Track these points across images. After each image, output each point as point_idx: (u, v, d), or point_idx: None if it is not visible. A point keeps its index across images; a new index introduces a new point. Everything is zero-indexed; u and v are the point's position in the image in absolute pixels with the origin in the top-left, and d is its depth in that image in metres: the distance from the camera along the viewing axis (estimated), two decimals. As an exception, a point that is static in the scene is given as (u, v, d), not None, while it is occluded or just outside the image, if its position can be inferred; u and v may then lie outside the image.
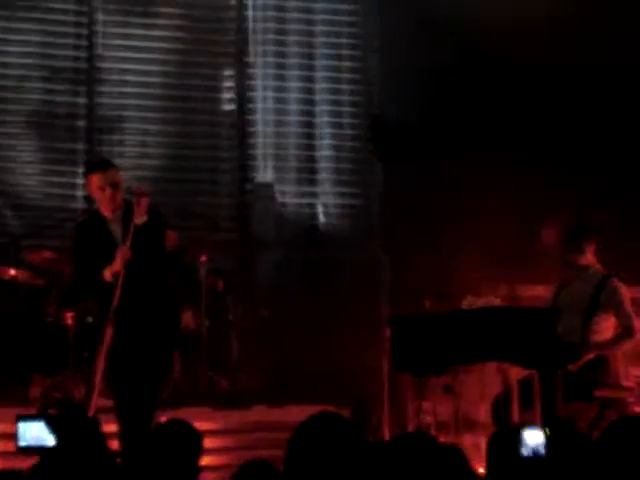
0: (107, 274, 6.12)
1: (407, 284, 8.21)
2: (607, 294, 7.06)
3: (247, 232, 10.19)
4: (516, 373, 6.92)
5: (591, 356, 7.03)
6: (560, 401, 6.78)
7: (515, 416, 6.80)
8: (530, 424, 5.57)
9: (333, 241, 10.23)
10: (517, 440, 4.55)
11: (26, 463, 3.59)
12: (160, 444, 3.95)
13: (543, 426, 5.79)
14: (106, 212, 6.32)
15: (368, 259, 9.10)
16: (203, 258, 8.89)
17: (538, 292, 7.96)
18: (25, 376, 8.42)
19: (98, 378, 6.00)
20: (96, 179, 6.30)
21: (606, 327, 7.09)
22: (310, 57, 10.45)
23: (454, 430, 7.92)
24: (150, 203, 6.27)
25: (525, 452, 4.96)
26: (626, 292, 7.16)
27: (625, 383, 7.64)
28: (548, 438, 5.39)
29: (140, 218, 6.16)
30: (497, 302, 7.59)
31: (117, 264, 6.08)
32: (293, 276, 9.87)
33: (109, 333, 6.02)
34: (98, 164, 6.62)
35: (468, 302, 7.48)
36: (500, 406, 7.05)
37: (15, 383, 8.35)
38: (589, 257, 7.19)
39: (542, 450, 4.73)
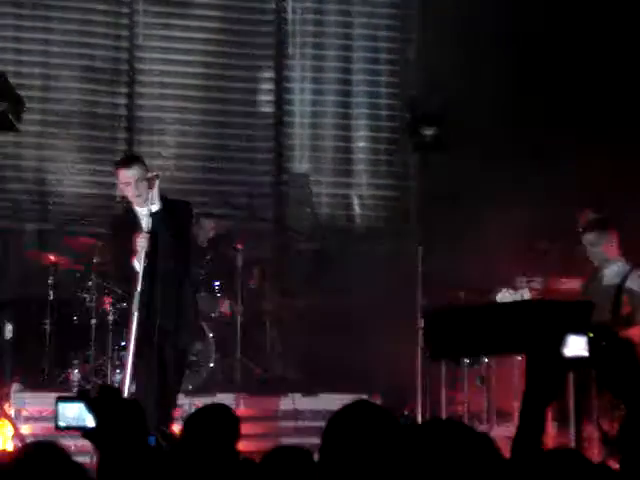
0: (134, 262, 6.32)
1: (441, 275, 8.22)
2: (633, 283, 7.01)
3: (283, 222, 10.25)
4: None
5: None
6: (593, 394, 6.80)
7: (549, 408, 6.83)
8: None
9: (368, 232, 10.26)
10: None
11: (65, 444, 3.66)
12: (200, 427, 4.00)
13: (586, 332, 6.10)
14: (135, 205, 6.53)
15: (402, 250, 9.11)
16: (240, 246, 8.96)
17: (573, 285, 7.95)
18: (65, 361, 8.54)
19: (129, 362, 6.12)
20: (120, 175, 6.55)
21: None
22: (347, 49, 10.48)
23: (486, 421, 7.97)
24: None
25: (568, 353, 5.65)
26: None
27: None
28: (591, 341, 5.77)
29: (150, 204, 6.31)
30: (531, 295, 7.61)
31: (135, 250, 6.29)
32: (328, 266, 9.91)
33: (133, 319, 6.16)
34: (124, 160, 6.80)
35: (503, 295, 7.50)
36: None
37: (55, 368, 8.47)
38: (614, 249, 7.14)
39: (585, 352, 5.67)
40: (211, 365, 8.51)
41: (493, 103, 9.34)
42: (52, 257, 8.65)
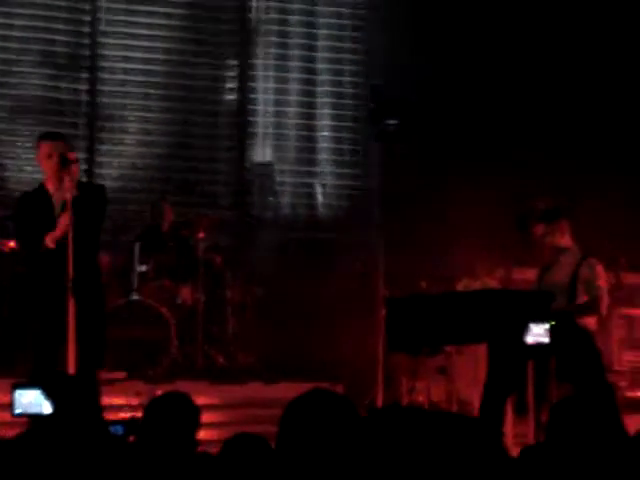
0: (48, 240, 6.24)
1: (403, 266, 8.25)
2: (585, 270, 7.04)
3: (245, 210, 10.24)
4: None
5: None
6: (553, 384, 6.84)
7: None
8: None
9: (330, 221, 10.28)
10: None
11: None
12: (158, 416, 3.99)
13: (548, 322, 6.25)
14: (50, 184, 6.41)
15: (365, 240, 9.13)
16: (201, 234, 8.94)
17: (534, 275, 8.00)
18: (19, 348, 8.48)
19: (71, 349, 6.02)
20: (45, 147, 6.39)
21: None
22: (311, 37, 10.47)
23: (446, 410, 7.99)
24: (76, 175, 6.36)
25: (529, 340, 5.91)
26: (603, 272, 7.12)
27: (617, 367, 7.73)
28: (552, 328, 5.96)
29: (71, 190, 6.21)
30: (493, 285, 7.65)
31: (59, 230, 6.20)
32: (290, 255, 9.92)
33: (71, 304, 6.06)
34: (49, 133, 6.70)
35: (464, 284, 7.54)
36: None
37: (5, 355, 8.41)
38: (567, 238, 7.17)
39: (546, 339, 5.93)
40: (172, 351, 8.50)
41: (458, 93, 9.39)
42: (13, 243, 8.60)
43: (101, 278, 6.64)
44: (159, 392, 4.45)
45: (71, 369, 5.98)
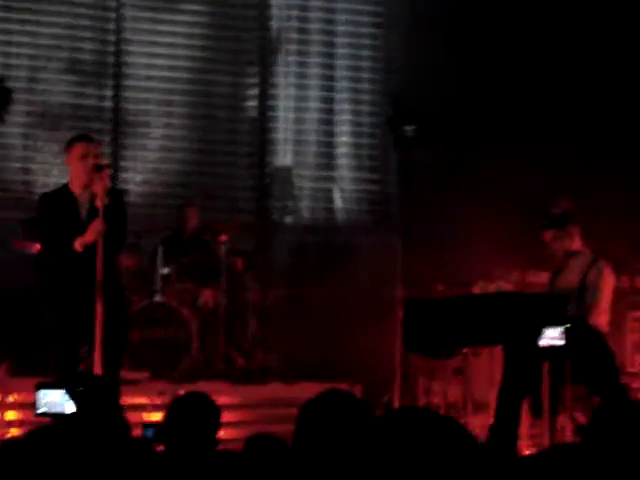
0: (77, 245, 6.24)
1: (421, 269, 8.33)
2: (593, 274, 7.09)
3: (265, 214, 10.36)
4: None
5: None
6: (568, 386, 6.92)
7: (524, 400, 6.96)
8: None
9: (349, 225, 10.37)
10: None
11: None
12: (180, 415, 4.08)
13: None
14: (75, 187, 6.40)
15: (383, 243, 9.22)
16: (223, 237, 9.05)
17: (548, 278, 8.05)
18: (45, 348, 8.60)
19: (98, 350, 6.09)
20: (79, 148, 6.40)
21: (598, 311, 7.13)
22: (331, 45, 10.57)
23: (463, 411, 8.09)
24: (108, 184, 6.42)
25: (544, 342, 6.07)
26: (612, 278, 7.16)
27: (630, 369, 7.79)
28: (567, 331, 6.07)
29: (102, 197, 6.22)
30: (508, 288, 7.73)
31: (89, 235, 6.22)
32: (310, 258, 10.02)
33: (100, 307, 6.12)
34: (84, 135, 6.72)
35: (480, 287, 7.62)
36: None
37: (35, 355, 8.53)
38: (577, 242, 7.21)
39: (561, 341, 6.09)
40: (193, 352, 8.63)
41: (474, 100, 9.46)
42: (39, 246, 8.73)
43: (121, 281, 6.72)
44: (181, 392, 4.54)
45: (97, 370, 6.06)
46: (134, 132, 10.14)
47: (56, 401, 3.96)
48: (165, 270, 8.97)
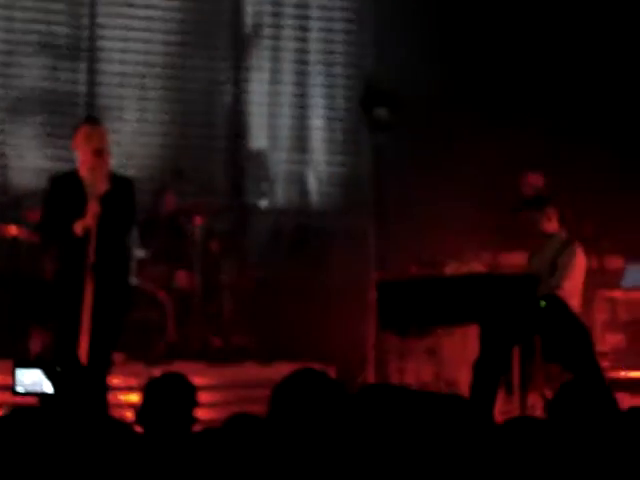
0: (78, 228, 6.22)
1: (394, 250, 8.40)
2: (564, 257, 7.20)
3: (240, 197, 10.39)
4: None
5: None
6: (538, 364, 7.03)
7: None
8: None
9: (323, 208, 10.42)
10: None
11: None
12: (156, 396, 4.15)
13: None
14: (84, 170, 6.35)
15: (357, 225, 9.29)
16: (198, 220, 9.10)
17: (520, 259, 8.14)
18: (25, 330, 8.63)
19: (85, 330, 6.06)
20: (85, 130, 6.38)
21: (569, 289, 7.21)
22: (304, 29, 10.59)
23: (435, 391, 8.19)
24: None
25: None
26: (582, 260, 7.25)
27: (600, 349, 7.90)
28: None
29: (103, 181, 6.23)
30: (480, 269, 7.84)
31: (88, 218, 6.20)
32: (284, 240, 10.07)
33: (90, 288, 6.12)
34: (91, 117, 6.74)
35: (452, 268, 7.72)
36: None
37: (15, 337, 8.56)
38: (554, 224, 7.29)
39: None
40: (169, 334, 8.68)
41: (446, 82, 9.50)
42: (13, 229, 8.75)
43: (128, 266, 6.70)
44: (157, 373, 4.59)
45: (83, 350, 6.02)
46: (108, 116, 10.14)
47: (35, 380, 3.97)
48: (140, 253, 9.01)
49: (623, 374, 8.05)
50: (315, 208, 10.46)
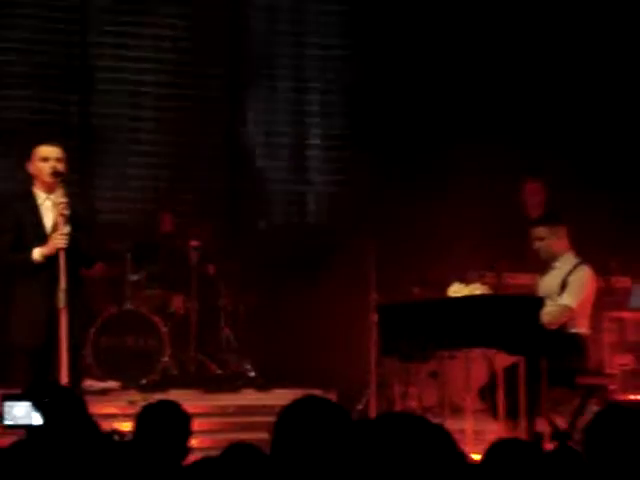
0: (37, 255, 6.14)
1: (395, 271, 8.30)
2: (575, 276, 7.07)
3: (237, 218, 10.28)
4: (501, 360, 7.02)
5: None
6: (544, 388, 6.88)
7: (500, 402, 6.92)
8: None
9: (321, 228, 10.32)
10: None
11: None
12: (149, 424, 4.03)
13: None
14: (40, 189, 6.28)
15: (356, 247, 9.18)
16: (194, 243, 8.99)
17: (524, 280, 8.05)
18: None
19: (63, 360, 6.01)
20: (42, 150, 6.31)
21: (578, 310, 7.09)
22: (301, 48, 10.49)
23: (439, 415, 8.04)
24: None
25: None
26: (593, 282, 7.14)
27: (608, 370, 7.77)
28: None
29: (63, 206, 6.12)
30: (483, 290, 7.67)
31: (48, 248, 6.11)
32: (282, 262, 9.95)
33: (64, 318, 6.04)
34: (47, 139, 6.56)
35: (455, 289, 7.56)
36: (486, 393, 7.18)
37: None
38: (563, 242, 7.20)
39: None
40: (165, 360, 8.55)
41: (447, 100, 9.47)
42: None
43: (84, 292, 6.52)
44: (151, 401, 4.49)
45: (64, 379, 5.97)
46: (102, 137, 10.00)
47: (23, 413, 3.94)
48: (134, 277, 8.88)
49: (632, 397, 7.91)
50: (313, 229, 10.35)
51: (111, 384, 8.29)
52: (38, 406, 3.85)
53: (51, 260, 6.12)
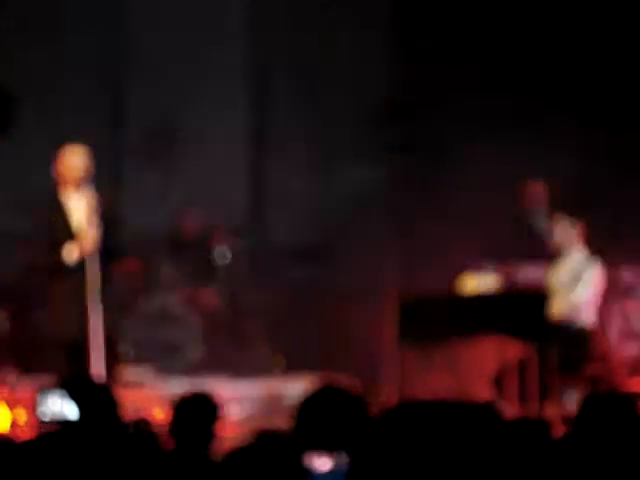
0: (68, 257, 6.41)
1: (411, 264, 8.47)
2: (588, 271, 7.30)
3: (261, 217, 10.46)
4: (513, 351, 7.27)
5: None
6: (554, 376, 7.12)
7: (512, 390, 7.18)
8: None
9: (342, 220, 10.40)
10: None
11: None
12: (183, 414, 4.29)
13: None
14: (67, 188, 6.51)
15: (374, 239, 9.30)
16: (221, 242, 9.26)
17: (535, 273, 8.17)
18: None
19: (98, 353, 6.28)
20: (67, 150, 6.56)
21: (587, 303, 7.35)
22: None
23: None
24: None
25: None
26: (602, 276, 7.37)
27: (616, 358, 7.97)
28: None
29: (92, 210, 6.40)
30: (496, 280, 7.88)
31: (81, 251, 6.39)
32: (305, 253, 10.08)
33: (98, 312, 6.35)
34: (77, 143, 6.80)
35: (468, 280, 7.78)
36: (498, 380, 7.44)
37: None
38: (575, 238, 7.41)
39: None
40: (196, 351, 8.86)
41: (454, 97, 9.48)
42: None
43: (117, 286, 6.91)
44: (184, 391, 4.71)
45: (98, 372, 6.26)
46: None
47: (59, 407, 4.05)
48: (166, 272, 9.19)
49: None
50: (335, 220, 10.41)
51: (145, 375, 8.57)
52: (73, 400, 4.00)
53: (82, 258, 6.38)
